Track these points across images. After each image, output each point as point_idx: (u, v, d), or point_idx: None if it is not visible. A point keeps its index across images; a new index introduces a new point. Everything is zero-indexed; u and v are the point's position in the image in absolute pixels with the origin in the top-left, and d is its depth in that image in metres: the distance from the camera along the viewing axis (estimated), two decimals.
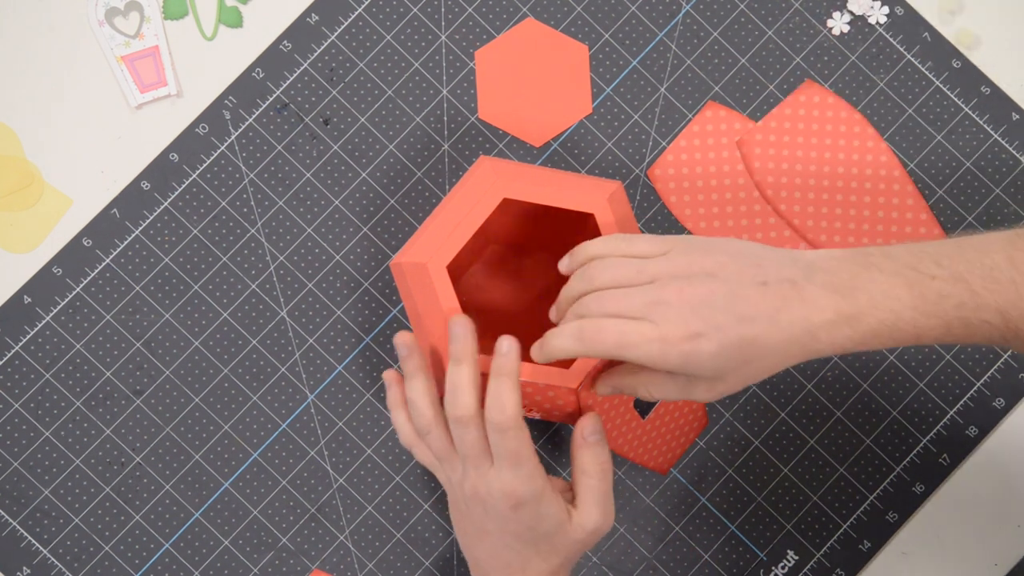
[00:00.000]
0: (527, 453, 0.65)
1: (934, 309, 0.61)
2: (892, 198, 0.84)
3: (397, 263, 0.71)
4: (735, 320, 0.60)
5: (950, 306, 0.61)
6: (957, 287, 0.61)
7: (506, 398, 0.64)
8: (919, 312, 0.61)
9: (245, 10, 0.85)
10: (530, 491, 0.66)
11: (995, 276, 0.61)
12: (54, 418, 0.81)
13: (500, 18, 0.85)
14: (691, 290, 0.61)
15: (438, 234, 0.69)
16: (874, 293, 0.61)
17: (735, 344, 0.60)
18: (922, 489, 0.83)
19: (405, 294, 0.71)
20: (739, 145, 0.84)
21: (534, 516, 0.66)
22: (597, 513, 0.68)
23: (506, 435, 0.65)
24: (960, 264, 0.61)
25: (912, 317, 0.61)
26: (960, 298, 0.61)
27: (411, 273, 0.70)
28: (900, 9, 0.85)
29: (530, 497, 0.66)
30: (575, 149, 0.84)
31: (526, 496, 0.66)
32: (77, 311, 0.82)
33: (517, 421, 0.65)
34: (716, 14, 0.85)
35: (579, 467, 0.69)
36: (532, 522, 0.67)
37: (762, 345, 0.61)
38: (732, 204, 0.84)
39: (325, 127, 0.84)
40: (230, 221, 0.83)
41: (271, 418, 0.82)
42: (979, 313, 0.61)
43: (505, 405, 0.64)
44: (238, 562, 0.81)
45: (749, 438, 0.83)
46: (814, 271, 0.62)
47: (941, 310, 0.61)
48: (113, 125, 0.84)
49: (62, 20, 0.84)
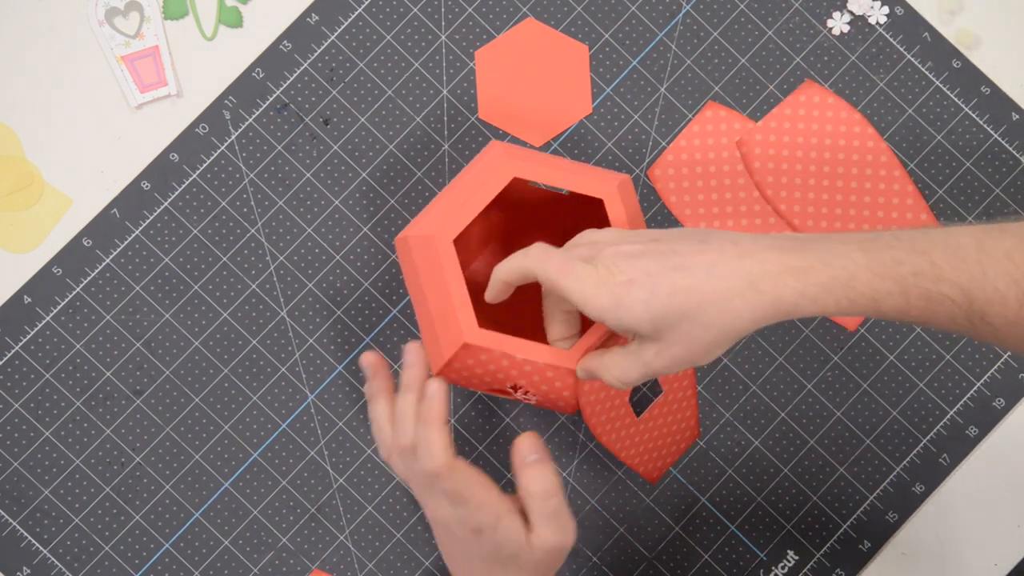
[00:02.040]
0: (469, 489, 0.65)
1: (890, 272, 0.59)
2: (892, 198, 0.84)
3: (403, 237, 0.71)
4: (668, 268, 0.60)
5: (907, 272, 0.60)
6: (915, 256, 0.60)
7: (433, 445, 0.65)
8: (874, 274, 0.59)
9: (245, 10, 0.85)
10: (482, 521, 0.66)
11: (960, 255, 0.60)
12: (54, 418, 0.81)
13: (500, 18, 0.85)
14: (630, 247, 0.62)
15: (446, 210, 0.69)
16: (824, 252, 0.60)
17: (667, 292, 0.59)
18: (922, 489, 0.83)
19: (409, 270, 0.71)
20: (739, 145, 0.84)
21: (492, 541, 0.66)
22: (550, 532, 0.67)
23: (441, 479, 0.65)
24: (921, 241, 0.61)
25: (868, 279, 0.59)
26: (918, 266, 0.60)
27: (417, 247, 0.69)
28: (900, 9, 0.85)
29: (485, 526, 0.66)
30: (575, 149, 0.84)
31: (480, 525, 0.66)
32: (77, 311, 0.82)
33: (448, 465, 0.65)
34: (716, 14, 0.85)
35: (524, 489, 0.67)
36: (492, 547, 0.67)
37: (698, 294, 0.59)
38: (732, 204, 0.84)
39: (325, 127, 0.84)
40: (230, 221, 0.83)
41: (271, 418, 0.82)
42: (939, 286, 0.60)
43: (433, 452, 0.65)
44: (238, 562, 0.81)
45: (749, 438, 0.83)
46: (760, 238, 0.62)
47: (898, 275, 0.60)
48: (113, 125, 0.84)
49: (62, 20, 0.84)
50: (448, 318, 0.67)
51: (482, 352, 0.67)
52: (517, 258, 0.65)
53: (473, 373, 0.69)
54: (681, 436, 0.81)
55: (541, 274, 0.63)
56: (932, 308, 0.60)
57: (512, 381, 0.69)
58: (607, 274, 0.61)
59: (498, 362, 0.68)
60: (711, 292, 0.59)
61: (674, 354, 0.61)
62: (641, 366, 0.63)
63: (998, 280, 0.60)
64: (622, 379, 0.64)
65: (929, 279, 0.60)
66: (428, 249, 0.68)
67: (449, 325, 0.68)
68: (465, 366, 0.68)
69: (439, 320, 0.68)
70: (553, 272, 0.63)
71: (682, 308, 0.59)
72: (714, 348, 0.61)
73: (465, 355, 0.68)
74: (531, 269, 0.64)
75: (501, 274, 0.66)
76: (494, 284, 0.67)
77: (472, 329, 0.67)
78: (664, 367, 0.62)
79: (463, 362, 0.68)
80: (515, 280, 0.66)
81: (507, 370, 0.68)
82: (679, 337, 0.60)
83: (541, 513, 0.67)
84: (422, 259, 0.69)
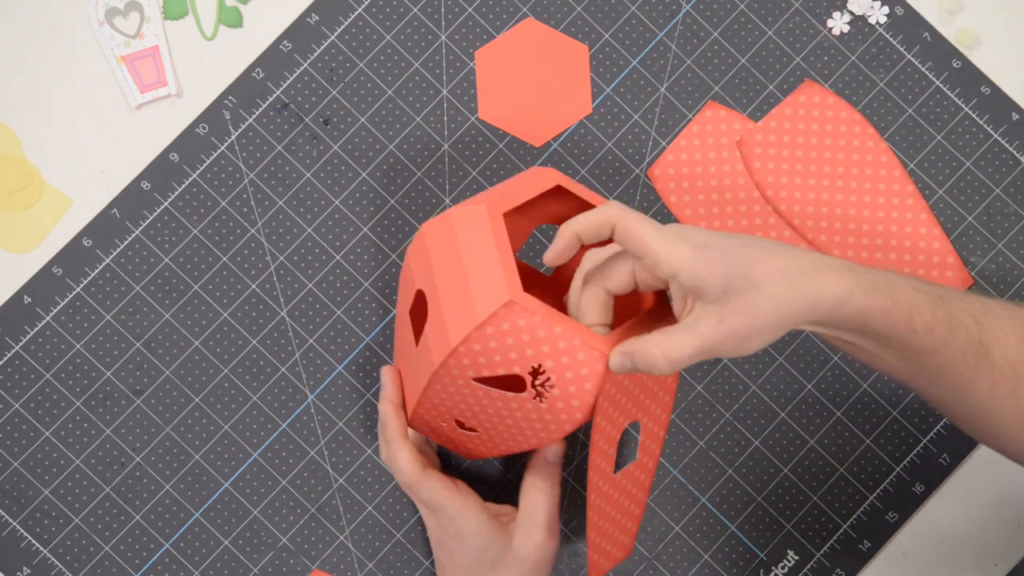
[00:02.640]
0: (443, 498, 0.70)
1: (923, 287, 0.64)
2: (892, 198, 0.84)
3: (444, 216, 0.68)
4: (738, 242, 0.62)
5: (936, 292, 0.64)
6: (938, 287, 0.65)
7: (398, 462, 0.71)
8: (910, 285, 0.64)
9: (245, 10, 0.85)
10: (462, 527, 0.70)
11: (969, 299, 0.65)
12: (54, 418, 0.81)
13: (500, 18, 0.85)
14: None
15: (488, 197, 0.67)
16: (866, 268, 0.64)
17: (740, 258, 0.60)
18: (922, 489, 0.83)
19: (439, 254, 0.67)
20: (739, 145, 0.84)
21: (475, 547, 0.70)
22: (542, 526, 0.71)
23: (413, 491, 0.71)
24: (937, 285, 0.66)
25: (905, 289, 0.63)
26: (943, 290, 0.65)
27: (460, 220, 0.66)
28: (900, 9, 0.85)
29: (466, 531, 0.70)
30: (575, 149, 0.84)
31: (461, 531, 0.70)
32: (77, 311, 0.82)
33: (415, 477, 0.70)
34: (716, 14, 0.85)
35: (532, 483, 0.71)
36: (476, 552, 0.70)
37: (767, 265, 0.60)
38: (732, 204, 0.84)
39: (325, 127, 0.84)
40: (230, 221, 0.83)
41: (271, 418, 0.82)
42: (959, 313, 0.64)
43: (400, 468, 0.71)
44: (238, 562, 0.81)
45: (749, 438, 0.83)
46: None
47: (929, 291, 0.64)
48: (113, 125, 0.84)
49: (62, 20, 0.84)
50: (488, 281, 0.64)
51: (521, 315, 0.63)
52: (594, 211, 0.64)
53: (503, 344, 0.64)
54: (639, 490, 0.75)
55: (623, 223, 0.63)
56: (953, 332, 0.63)
57: (540, 360, 0.64)
58: (683, 234, 0.62)
59: (534, 331, 0.63)
60: (779, 267, 0.60)
61: (734, 325, 0.60)
62: (696, 338, 0.61)
63: (1002, 320, 0.65)
64: (671, 355, 0.61)
65: (952, 303, 0.64)
66: (474, 219, 0.66)
67: (489, 287, 0.64)
68: (498, 332, 0.64)
69: (476, 285, 0.64)
70: (635, 221, 0.62)
71: (753, 275, 0.60)
72: (770, 328, 0.61)
73: (502, 318, 0.63)
74: (612, 218, 0.63)
75: (575, 226, 0.65)
76: (563, 238, 0.65)
77: (517, 288, 0.64)
78: (718, 342, 0.61)
79: (497, 326, 0.64)
80: (590, 233, 0.64)
81: (539, 344, 0.64)
82: (744, 306, 0.60)
83: (540, 506, 0.71)
84: (466, 236, 0.66)
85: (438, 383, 0.67)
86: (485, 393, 0.67)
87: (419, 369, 0.69)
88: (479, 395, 0.67)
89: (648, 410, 0.70)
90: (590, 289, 0.67)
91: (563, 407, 0.65)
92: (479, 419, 0.69)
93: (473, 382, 0.66)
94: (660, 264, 0.61)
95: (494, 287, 0.64)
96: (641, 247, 0.62)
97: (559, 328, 0.63)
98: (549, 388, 0.65)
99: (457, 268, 0.66)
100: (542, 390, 0.65)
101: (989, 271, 0.84)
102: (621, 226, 0.63)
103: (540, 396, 0.65)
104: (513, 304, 0.63)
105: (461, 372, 0.66)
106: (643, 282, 0.65)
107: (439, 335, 0.66)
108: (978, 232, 0.84)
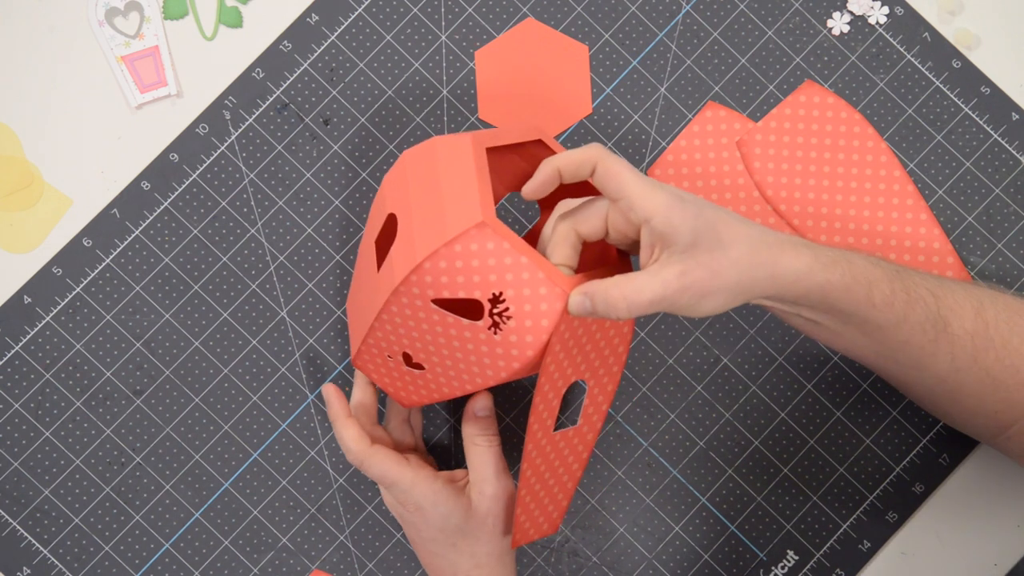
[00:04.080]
0: (393, 473, 0.72)
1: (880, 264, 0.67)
2: (892, 198, 0.84)
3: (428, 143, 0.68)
4: (711, 206, 0.64)
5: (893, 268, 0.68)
6: (895, 263, 0.69)
7: (344, 440, 0.73)
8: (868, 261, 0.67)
9: (245, 10, 0.85)
10: (419, 499, 0.72)
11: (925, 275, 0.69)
12: (54, 418, 0.81)
13: (500, 18, 0.85)
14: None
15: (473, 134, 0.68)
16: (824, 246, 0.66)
17: (712, 217, 0.63)
18: (922, 489, 0.83)
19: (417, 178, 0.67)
20: (739, 145, 0.84)
21: (436, 515, 0.72)
22: (491, 478, 0.72)
23: (363, 467, 0.72)
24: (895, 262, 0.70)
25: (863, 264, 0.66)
26: (900, 267, 0.68)
27: (445, 150, 0.67)
28: (900, 9, 0.85)
29: (424, 502, 0.72)
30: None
31: (419, 503, 0.72)
32: (77, 311, 0.82)
33: (362, 452, 0.72)
34: (716, 14, 0.85)
35: (470, 440, 0.73)
36: (439, 521, 0.72)
37: (735, 230, 0.63)
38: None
39: (325, 127, 0.84)
40: (230, 221, 0.83)
41: (271, 418, 0.82)
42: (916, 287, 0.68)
43: (346, 447, 0.73)
44: (238, 562, 0.81)
45: (749, 438, 0.83)
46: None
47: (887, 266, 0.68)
48: (113, 125, 0.84)
49: (62, 20, 0.84)
50: (463, 202, 0.64)
51: (491, 239, 0.63)
52: (577, 149, 0.65)
53: (468, 265, 0.64)
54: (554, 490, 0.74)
55: (604, 163, 0.64)
56: (911, 305, 0.66)
57: (501, 287, 0.64)
58: (662, 185, 0.63)
59: (500, 257, 0.64)
60: (745, 234, 0.63)
61: (696, 278, 0.62)
62: (658, 285, 0.62)
63: (957, 293, 0.68)
64: (631, 298, 0.62)
65: (909, 278, 0.67)
66: (457, 146, 0.66)
67: (463, 208, 0.64)
68: (466, 251, 0.64)
69: (450, 206, 0.65)
70: (617, 164, 0.64)
71: (721, 235, 0.62)
72: (729, 291, 0.63)
73: (472, 238, 0.64)
74: (594, 158, 0.64)
75: (557, 162, 0.66)
76: (544, 172, 0.66)
77: (490, 212, 0.64)
78: (677, 293, 0.62)
79: (466, 246, 0.64)
80: (571, 169, 0.65)
81: (503, 271, 0.64)
82: (708, 261, 0.62)
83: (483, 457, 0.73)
84: (445, 157, 0.66)
85: (395, 303, 0.67)
86: (441, 318, 0.66)
87: (375, 295, 0.69)
88: (434, 320, 0.66)
89: (596, 374, 0.71)
90: (561, 228, 0.67)
91: (516, 340, 0.65)
92: (428, 351, 0.68)
93: (431, 304, 0.66)
94: (635, 207, 0.63)
95: (468, 208, 0.64)
96: (619, 188, 0.63)
97: (525, 258, 0.64)
98: (506, 319, 0.65)
99: (434, 190, 0.66)
100: (499, 319, 0.65)
101: (989, 271, 0.84)
102: (603, 166, 0.64)
103: (496, 327, 0.65)
104: (484, 226, 0.64)
105: (422, 290, 0.65)
106: (615, 227, 0.66)
107: (405, 253, 0.66)
108: (978, 232, 0.84)
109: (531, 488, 0.70)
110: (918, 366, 0.69)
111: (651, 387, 0.82)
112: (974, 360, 0.68)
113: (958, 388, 0.69)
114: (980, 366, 0.68)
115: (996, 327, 0.68)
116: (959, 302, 0.68)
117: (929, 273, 0.70)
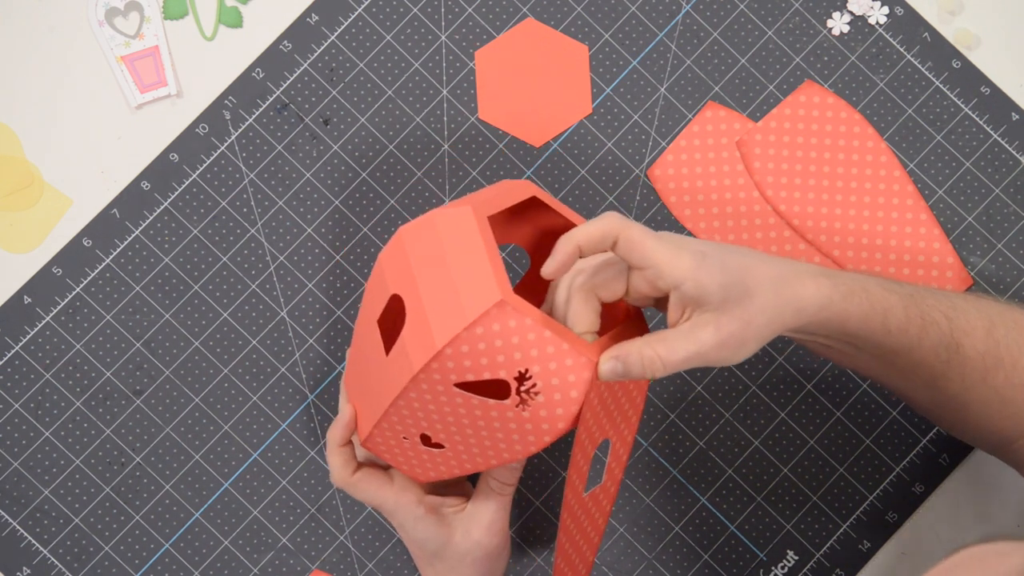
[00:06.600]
0: (377, 497, 0.73)
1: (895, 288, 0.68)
2: (892, 198, 0.84)
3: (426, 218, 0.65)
4: (729, 250, 0.64)
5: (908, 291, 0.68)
6: (909, 287, 0.69)
7: (331, 467, 0.73)
8: (883, 287, 0.67)
9: (245, 10, 0.85)
10: (401, 521, 0.73)
11: (939, 294, 0.69)
12: (54, 418, 0.81)
13: (500, 18, 0.85)
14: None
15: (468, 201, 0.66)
16: (842, 272, 0.67)
17: (736, 266, 0.62)
18: (922, 489, 0.83)
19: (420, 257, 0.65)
20: (739, 145, 0.84)
21: (415, 539, 0.74)
22: (482, 525, 0.73)
23: (347, 492, 0.73)
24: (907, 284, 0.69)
25: (879, 291, 0.66)
26: (914, 289, 0.68)
27: (446, 224, 0.64)
28: (900, 9, 0.85)
29: (405, 525, 0.73)
30: (575, 149, 0.84)
31: (402, 524, 0.73)
32: (77, 311, 0.82)
33: (344, 482, 0.73)
34: (716, 14, 0.85)
35: (487, 481, 0.73)
36: (416, 544, 0.74)
37: (758, 274, 0.63)
38: (732, 204, 0.84)
39: (325, 127, 0.84)
40: (230, 221, 0.83)
41: (271, 418, 0.82)
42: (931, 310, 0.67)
43: (332, 474, 0.73)
44: (238, 562, 0.81)
45: (749, 438, 0.83)
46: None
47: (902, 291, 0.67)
48: (113, 125, 0.84)
49: (62, 20, 0.84)
50: (477, 281, 0.62)
51: (512, 316, 0.61)
52: (594, 222, 0.64)
53: (491, 346, 0.61)
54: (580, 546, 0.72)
55: (626, 234, 0.63)
56: (926, 330, 0.67)
57: (527, 365, 0.62)
58: (682, 244, 0.63)
59: (523, 334, 0.61)
60: (768, 275, 0.63)
61: (731, 332, 0.61)
62: (694, 344, 0.61)
63: (969, 314, 0.68)
64: (667, 358, 0.61)
65: (923, 301, 0.67)
66: (460, 220, 0.64)
67: (478, 287, 0.62)
68: (488, 333, 0.61)
69: (464, 286, 0.62)
70: (638, 233, 0.63)
71: (747, 283, 0.62)
72: (761, 335, 0.63)
73: (493, 318, 0.61)
74: (615, 231, 0.63)
75: (576, 238, 0.64)
76: (563, 251, 0.64)
77: (507, 289, 0.62)
78: (713, 348, 0.61)
79: (487, 327, 0.61)
80: (592, 245, 0.64)
81: (527, 348, 0.61)
82: (740, 313, 0.62)
83: (488, 496, 0.73)
84: (449, 233, 0.64)
85: (414, 390, 0.64)
86: (464, 400, 0.64)
87: (387, 380, 0.66)
88: (457, 403, 0.64)
89: (618, 429, 0.68)
90: (582, 296, 0.66)
91: (546, 415, 0.63)
92: (450, 431, 0.66)
93: (454, 388, 0.63)
94: (664, 275, 0.62)
95: (484, 287, 0.62)
96: (645, 258, 0.62)
97: (549, 332, 0.62)
98: (533, 395, 0.63)
99: (442, 270, 0.63)
100: (527, 396, 0.63)
101: (989, 271, 0.84)
102: (624, 238, 0.63)
103: (524, 404, 0.63)
104: (505, 304, 0.61)
105: (444, 376, 0.63)
106: (636, 290, 0.65)
107: (421, 338, 0.63)
108: (978, 232, 0.84)
109: (566, 555, 0.69)
110: (929, 386, 0.69)
111: (651, 387, 0.82)
112: (983, 380, 0.68)
113: (966, 405, 0.69)
114: (989, 385, 0.68)
115: (1007, 347, 0.68)
116: (971, 323, 0.68)
117: (942, 291, 0.70)
